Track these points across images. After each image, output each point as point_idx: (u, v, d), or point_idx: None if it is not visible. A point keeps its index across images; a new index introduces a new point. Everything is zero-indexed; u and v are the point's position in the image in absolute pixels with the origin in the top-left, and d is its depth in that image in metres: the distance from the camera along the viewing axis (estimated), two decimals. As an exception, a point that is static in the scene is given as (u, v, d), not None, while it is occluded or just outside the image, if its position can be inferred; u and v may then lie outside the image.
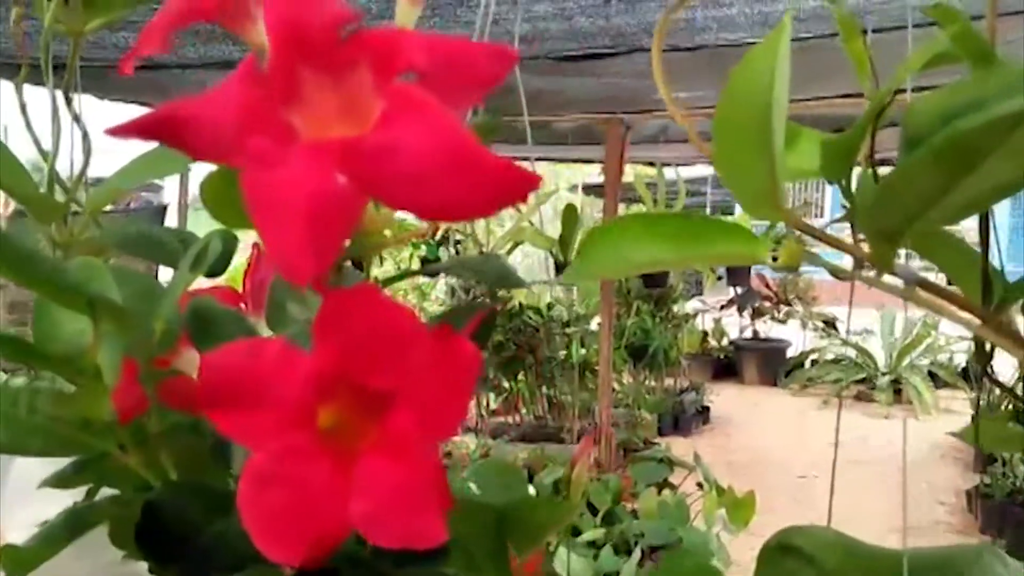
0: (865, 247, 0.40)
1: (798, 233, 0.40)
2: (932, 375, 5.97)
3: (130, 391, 0.41)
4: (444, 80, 0.25)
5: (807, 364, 6.57)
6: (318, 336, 0.30)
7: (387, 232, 0.31)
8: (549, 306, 5.04)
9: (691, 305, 6.62)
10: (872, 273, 0.42)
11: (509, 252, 4.87)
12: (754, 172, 0.38)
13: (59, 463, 0.40)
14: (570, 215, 4.40)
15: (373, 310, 0.31)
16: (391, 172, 0.24)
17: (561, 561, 2.67)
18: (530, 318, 4.82)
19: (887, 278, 0.39)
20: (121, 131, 0.25)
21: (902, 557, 0.39)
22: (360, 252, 0.32)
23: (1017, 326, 0.41)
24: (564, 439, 4.72)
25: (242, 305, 0.47)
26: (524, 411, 5.05)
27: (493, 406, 5.11)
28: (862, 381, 6.13)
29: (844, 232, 0.43)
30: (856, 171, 0.42)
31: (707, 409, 5.68)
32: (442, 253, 4.75)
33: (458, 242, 4.68)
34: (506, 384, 4.94)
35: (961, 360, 6.02)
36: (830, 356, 6.52)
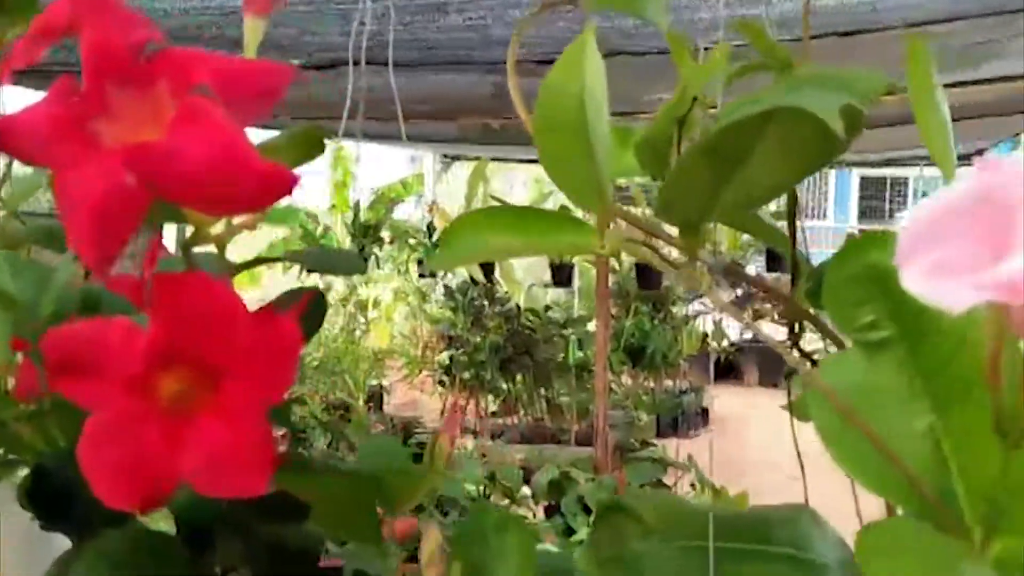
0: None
1: (623, 224, 0.45)
2: None
3: (29, 370, 0.46)
4: (231, 93, 0.30)
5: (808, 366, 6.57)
6: (152, 315, 0.35)
7: (219, 225, 0.36)
8: (547, 308, 5.08)
9: (692, 307, 6.65)
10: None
11: (506, 254, 4.92)
12: (577, 170, 0.43)
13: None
14: (565, 217, 4.45)
15: (200, 293, 0.35)
16: (173, 172, 0.28)
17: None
18: (528, 320, 4.87)
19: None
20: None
21: (704, 511, 0.44)
22: (203, 240, 0.37)
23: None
24: (562, 440, 4.76)
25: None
26: (522, 412, 5.09)
27: (492, 408, 5.16)
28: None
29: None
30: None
31: (706, 411, 5.71)
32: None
33: (454, 245, 4.72)
34: (504, 386, 4.98)
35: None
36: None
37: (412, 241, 4.95)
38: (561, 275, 4.67)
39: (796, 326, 0.47)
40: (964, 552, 0.30)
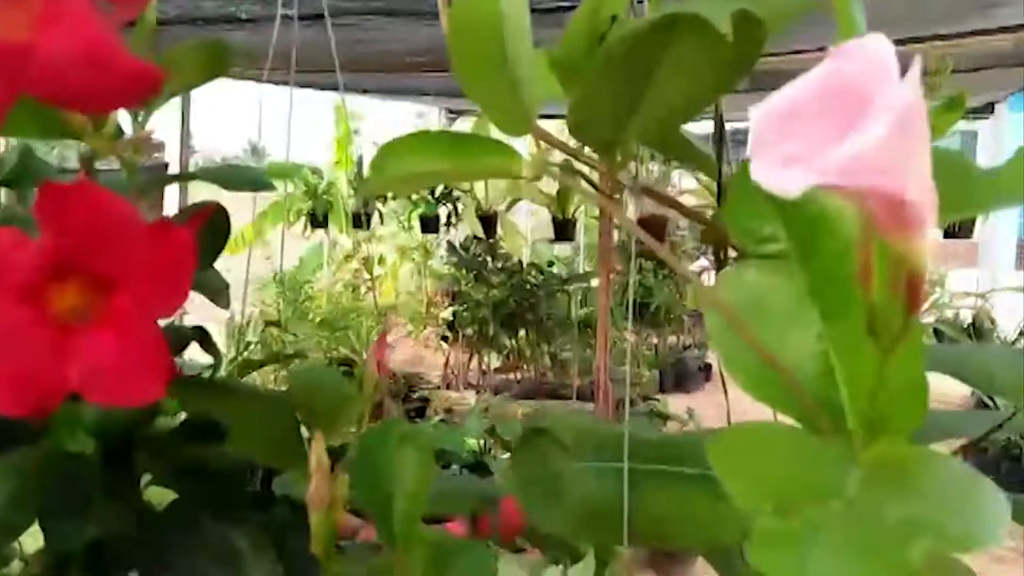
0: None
1: (544, 145, 0.44)
2: (937, 332, 5.95)
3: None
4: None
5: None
6: (40, 225, 0.35)
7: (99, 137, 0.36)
8: (550, 263, 5.07)
9: (698, 263, 6.63)
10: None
11: (509, 207, 4.91)
12: (498, 94, 0.42)
13: None
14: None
15: (89, 202, 0.35)
16: (39, 69, 0.28)
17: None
18: (531, 276, 4.86)
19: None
20: None
21: (626, 434, 0.44)
22: (100, 153, 0.37)
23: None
24: (565, 395, 4.78)
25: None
26: (525, 368, 5.11)
27: (495, 363, 5.17)
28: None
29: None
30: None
31: (709, 367, 5.71)
32: (441, 210, 4.79)
33: (457, 198, 4.71)
34: (507, 342, 4.99)
35: (967, 316, 6.00)
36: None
37: (414, 197, 4.92)
38: (565, 231, 4.65)
39: (721, 252, 0.47)
40: (839, 455, 0.30)
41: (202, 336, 0.46)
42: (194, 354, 0.52)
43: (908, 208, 0.25)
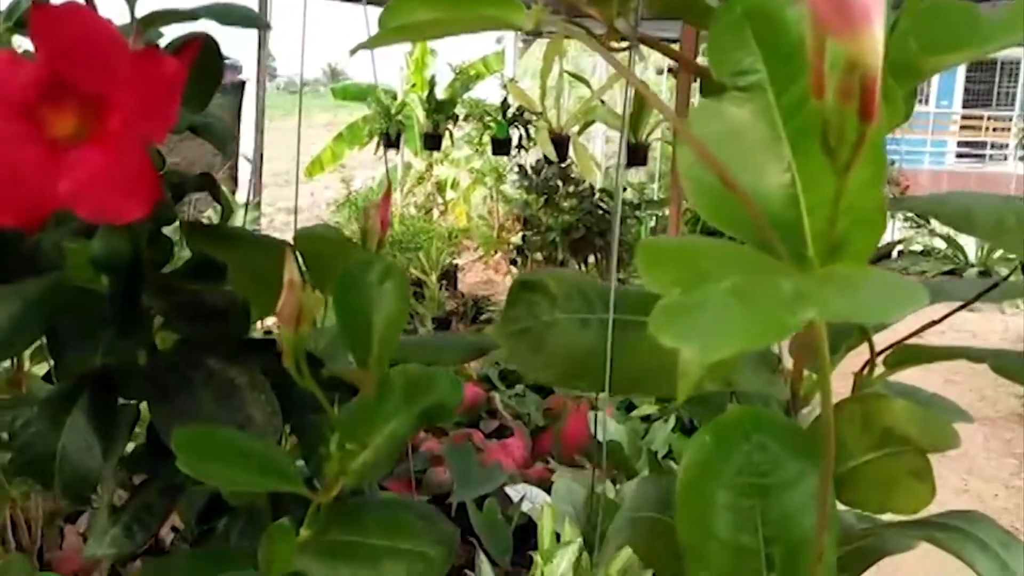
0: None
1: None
2: (1025, 268, 5.71)
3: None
4: None
5: (894, 255, 6.39)
6: (35, 45, 0.36)
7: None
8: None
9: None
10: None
11: (581, 131, 4.85)
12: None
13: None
14: (642, 94, 4.33)
15: (78, 23, 0.36)
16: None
17: (601, 426, 2.76)
18: (602, 201, 4.82)
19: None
20: None
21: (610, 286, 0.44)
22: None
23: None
24: (633, 322, 4.77)
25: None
26: (594, 293, 5.10)
27: (564, 288, 5.18)
28: (950, 272, 5.94)
29: None
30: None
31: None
32: (513, 133, 4.76)
33: (529, 121, 4.67)
34: (576, 267, 4.99)
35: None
36: (918, 247, 6.32)
37: (487, 119, 4.90)
38: (638, 156, 4.57)
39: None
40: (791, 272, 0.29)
41: (209, 183, 0.48)
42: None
43: (851, 1, 0.25)
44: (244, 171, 4.48)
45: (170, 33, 0.47)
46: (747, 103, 0.34)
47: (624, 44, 0.47)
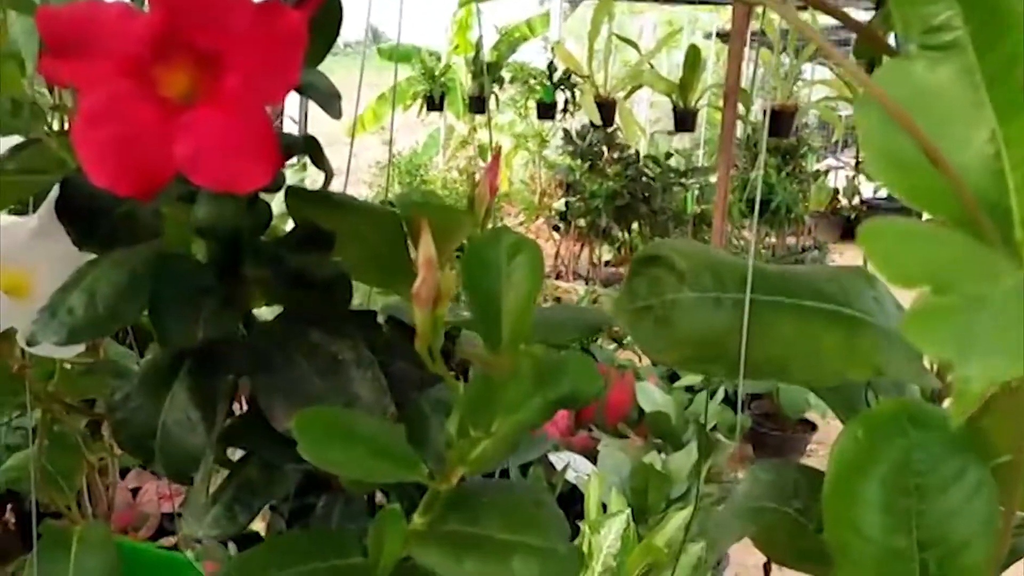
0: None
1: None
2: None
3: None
4: None
5: (946, 228, 6.22)
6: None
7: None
8: (667, 155, 4.94)
9: (826, 163, 6.35)
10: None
11: (627, 96, 4.77)
12: None
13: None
14: (693, 58, 4.24)
15: (197, -27, 0.33)
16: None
17: (645, 396, 2.72)
18: (647, 167, 4.75)
19: None
20: None
21: (747, 265, 0.41)
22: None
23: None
24: (676, 291, 4.71)
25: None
26: (637, 261, 5.04)
27: (606, 256, 5.14)
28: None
29: None
30: None
31: (829, 270, 5.52)
32: (558, 97, 4.69)
33: (575, 85, 4.60)
34: (620, 234, 4.94)
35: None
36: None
37: (532, 81, 4.84)
38: (685, 122, 4.48)
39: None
40: (1005, 263, 0.26)
41: (313, 146, 0.45)
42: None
43: None
44: (289, 132, 4.47)
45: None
46: (943, 64, 0.30)
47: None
